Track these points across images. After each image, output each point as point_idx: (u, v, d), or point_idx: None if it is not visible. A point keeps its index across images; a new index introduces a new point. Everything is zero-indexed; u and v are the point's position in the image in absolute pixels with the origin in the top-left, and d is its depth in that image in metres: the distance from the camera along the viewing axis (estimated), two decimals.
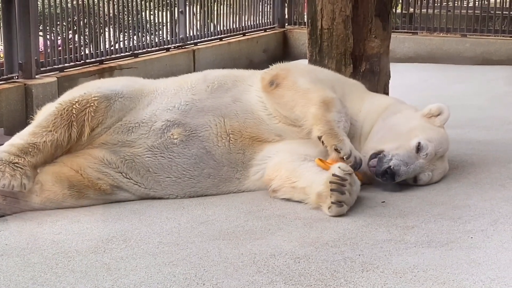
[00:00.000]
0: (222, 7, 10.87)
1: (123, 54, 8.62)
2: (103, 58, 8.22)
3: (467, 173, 4.63)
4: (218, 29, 10.65)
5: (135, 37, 9.01)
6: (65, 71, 7.60)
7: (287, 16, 12.17)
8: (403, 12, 11.63)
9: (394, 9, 8.79)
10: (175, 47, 9.54)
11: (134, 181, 4.31)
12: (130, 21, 8.90)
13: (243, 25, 11.22)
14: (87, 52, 8.09)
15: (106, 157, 4.29)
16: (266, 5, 11.88)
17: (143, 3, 9.48)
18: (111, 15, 8.63)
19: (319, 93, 4.33)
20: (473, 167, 4.74)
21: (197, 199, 4.29)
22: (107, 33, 8.59)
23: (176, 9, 9.74)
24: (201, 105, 4.45)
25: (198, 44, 9.97)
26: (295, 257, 3.30)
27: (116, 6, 8.70)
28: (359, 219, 3.82)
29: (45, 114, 4.33)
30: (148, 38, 9.24)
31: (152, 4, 9.65)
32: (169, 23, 9.64)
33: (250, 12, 11.44)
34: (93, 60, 8.06)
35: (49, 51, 7.62)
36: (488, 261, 3.21)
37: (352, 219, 3.83)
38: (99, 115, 4.32)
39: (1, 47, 7.31)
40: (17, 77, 6.86)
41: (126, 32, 8.83)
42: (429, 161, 4.35)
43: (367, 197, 4.17)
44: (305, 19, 10.95)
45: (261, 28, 11.66)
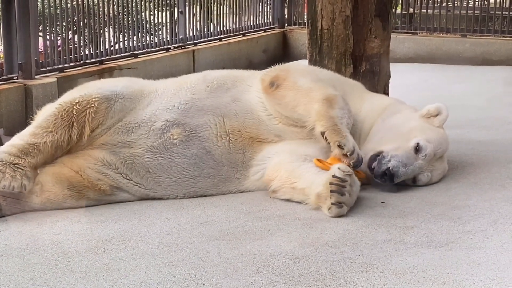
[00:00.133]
0: (221, 7, 10.86)
1: (123, 54, 8.60)
2: (103, 58, 8.20)
3: (467, 173, 4.63)
4: (217, 30, 10.64)
5: (135, 38, 9.01)
6: (65, 71, 7.58)
7: (286, 16, 12.15)
8: (403, 12, 11.61)
9: (394, 9, 8.77)
10: (175, 48, 9.53)
11: (134, 182, 4.31)
12: (130, 22, 8.90)
13: (243, 25, 11.21)
14: (87, 52, 8.07)
15: (106, 158, 4.29)
16: (265, 5, 11.87)
17: (143, 3, 9.47)
18: (111, 15, 8.63)
19: (321, 91, 4.32)
20: (472, 167, 4.74)
21: (196, 200, 4.30)
22: (107, 34, 8.58)
23: (176, 9, 9.73)
24: (201, 104, 4.45)
25: (198, 44, 9.96)
26: (295, 258, 3.30)
27: (116, 6, 8.69)
28: (359, 220, 3.82)
29: (45, 114, 4.34)
30: (148, 38, 9.23)
31: (152, 4, 9.64)
32: (169, 24, 9.63)
33: (249, 12, 11.43)
34: (93, 60, 8.05)
35: (49, 51, 7.61)
36: (487, 262, 3.21)
37: (351, 219, 3.83)
38: (99, 116, 4.33)
39: (1, 48, 7.31)
40: (17, 78, 6.85)
41: (126, 32, 8.82)
42: (428, 161, 4.35)
43: (366, 198, 4.17)
44: (305, 20, 10.95)
45: (261, 28, 11.64)
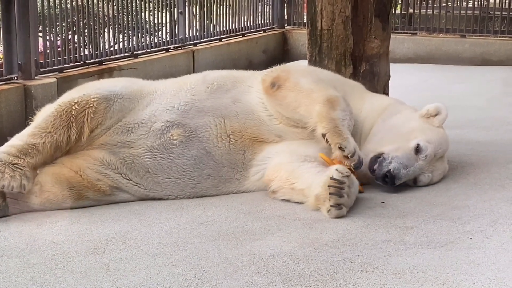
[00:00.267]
0: (221, 7, 10.85)
1: (122, 55, 8.59)
2: (102, 59, 8.19)
3: (467, 173, 4.63)
4: (217, 30, 10.63)
5: (135, 38, 9.00)
6: (65, 72, 7.57)
7: (286, 17, 12.15)
8: (403, 12, 11.61)
9: (393, 10, 8.78)
10: (174, 48, 9.52)
11: (133, 182, 4.31)
12: (129, 22, 8.89)
13: (243, 25, 11.20)
14: (87, 53, 8.06)
15: (105, 158, 4.29)
16: (265, 5, 11.86)
17: (143, 3, 9.47)
18: (111, 15, 8.62)
19: (322, 92, 4.32)
20: (472, 168, 4.74)
21: (196, 200, 4.30)
22: (106, 34, 8.57)
23: (175, 9, 9.72)
24: (201, 105, 4.45)
25: (197, 44, 9.95)
26: (295, 258, 3.30)
27: (115, 7, 8.68)
28: (359, 220, 3.82)
29: (44, 115, 4.34)
30: (147, 38, 9.22)
31: (151, 4, 9.63)
32: (168, 24, 9.61)
33: (249, 12, 11.42)
34: (92, 61, 8.04)
35: (48, 52, 7.60)
36: (487, 262, 3.21)
37: (351, 219, 3.83)
38: (98, 116, 4.33)
39: (1, 48, 7.30)
40: (16, 78, 6.84)
41: (125, 32, 8.81)
42: (428, 162, 4.34)
43: (366, 198, 4.17)
44: (305, 20, 10.94)
45: (261, 28, 11.63)
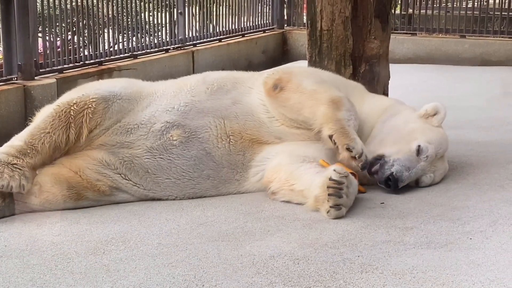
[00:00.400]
0: (221, 8, 10.85)
1: (122, 55, 8.59)
2: (102, 59, 8.19)
3: (466, 174, 4.63)
4: (217, 30, 10.63)
5: (134, 38, 9.00)
6: (64, 72, 7.57)
7: (286, 17, 12.15)
8: (402, 13, 11.61)
9: (393, 10, 8.78)
10: (174, 48, 9.53)
11: (133, 182, 4.31)
12: (129, 22, 8.89)
13: (242, 26, 11.21)
14: (86, 53, 8.06)
15: (105, 158, 4.29)
16: (265, 6, 11.87)
17: (142, 4, 9.46)
18: (110, 16, 8.62)
19: (326, 93, 4.31)
20: (472, 168, 4.74)
21: (196, 201, 4.29)
22: (106, 35, 8.57)
23: (175, 10, 9.72)
24: (201, 106, 4.45)
25: (197, 45, 9.95)
26: (294, 259, 3.30)
27: (115, 7, 8.69)
28: (358, 220, 3.82)
29: (43, 115, 4.34)
30: (147, 39, 9.22)
31: (151, 5, 9.63)
32: (168, 24, 9.61)
33: (249, 13, 11.42)
34: (92, 61, 8.04)
35: (48, 52, 7.60)
36: (487, 262, 3.20)
37: (351, 220, 3.82)
38: (97, 117, 4.33)
39: (0, 49, 7.30)
40: (16, 79, 6.84)
41: (125, 33, 8.81)
42: (430, 163, 4.34)
43: (366, 198, 4.17)
44: (304, 20, 10.95)
45: (260, 29, 11.63)
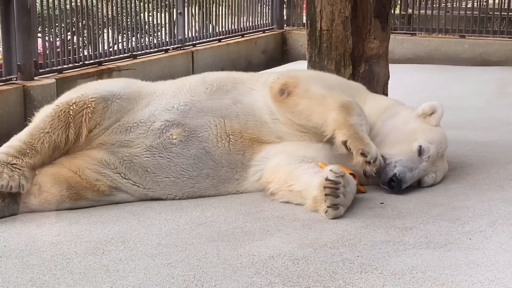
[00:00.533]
0: (220, 8, 10.86)
1: (121, 55, 8.59)
2: (101, 59, 8.19)
3: (466, 174, 4.63)
4: (216, 31, 10.63)
5: (134, 39, 9.00)
6: (64, 72, 7.57)
7: (285, 17, 12.15)
8: (402, 13, 11.62)
9: (393, 10, 8.77)
10: (173, 49, 9.53)
11: (132, 182, 4.31)
12: (128, 23, 8.89)
13: (242, 26, 11.21)
14: (86, 53, 8.06)
15: (104, 158, 4.29)
16: (264, 6, 11.87)
17: (142, 4, 9.46)
18: (110, 16, 8.62)
19: (335, 98, 4.28)
20: (471, 168, 4.74)
21: (195, 201, 4.29)
22: (105, 35, 8.56)
23: (174, 10, 9.72)
24: (201, 106, 4.44)
25: (196, 45, 9.95)
26: (294, 259, 3.30)
27: (114, 7, 8.68)
28: (358, 221, 3.81)
29: (42, 115, 4.33)
30: (146, 39, 9.22)
31: (150, 5, 9.63)
32: (167, 25, 9.61)
33: (248, 13, 11.43)
34: (92, 61, 8.04)
35: (47, 52, 7.60)
36: (486, 262, 3.20)
37: (350, 220, 3.82)
38: (96, 116, 4.32)
39: (0, 49, 7.30)
40: (15, 79, 6.84)
41: (124, 33, 8.81)
42: (431, 163, 4.33)
43: (365, 199, 4.16)
44: (304, 21, 10.95)
45: (260, 29, 11.64)
